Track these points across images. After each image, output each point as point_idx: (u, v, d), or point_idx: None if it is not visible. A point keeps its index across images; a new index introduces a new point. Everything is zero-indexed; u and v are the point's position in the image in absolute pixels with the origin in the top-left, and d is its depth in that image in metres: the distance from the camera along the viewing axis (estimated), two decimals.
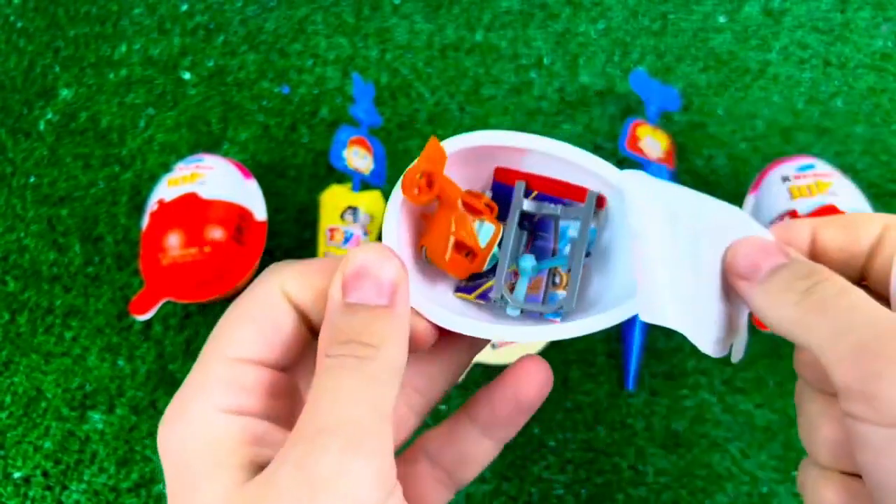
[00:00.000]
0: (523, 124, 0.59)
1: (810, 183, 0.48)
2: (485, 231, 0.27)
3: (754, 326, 0.50)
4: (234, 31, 0.64)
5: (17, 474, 0.49)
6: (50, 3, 0.67)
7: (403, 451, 0.25)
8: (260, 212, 0.52)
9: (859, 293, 0.21)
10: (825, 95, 0.58)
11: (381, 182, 0.54)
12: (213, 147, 0.59)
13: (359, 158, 0.53)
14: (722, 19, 0.62)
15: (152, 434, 0.49)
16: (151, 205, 0.51)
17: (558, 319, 0.26)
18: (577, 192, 0.29)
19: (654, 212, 0.25)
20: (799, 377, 0.25)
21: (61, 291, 0.55)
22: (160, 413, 0.50)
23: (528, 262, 0.28)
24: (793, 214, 0.47)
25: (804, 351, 0.24)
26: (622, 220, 0.28)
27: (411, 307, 0.23)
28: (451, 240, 0.26)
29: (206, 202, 0.49)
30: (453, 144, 0.26)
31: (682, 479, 0.46)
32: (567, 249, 0.28)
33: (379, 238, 0.25)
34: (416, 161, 0.25)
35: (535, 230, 0.29)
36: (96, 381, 0.51)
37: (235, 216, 0.50)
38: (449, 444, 0.25)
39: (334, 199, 0.52)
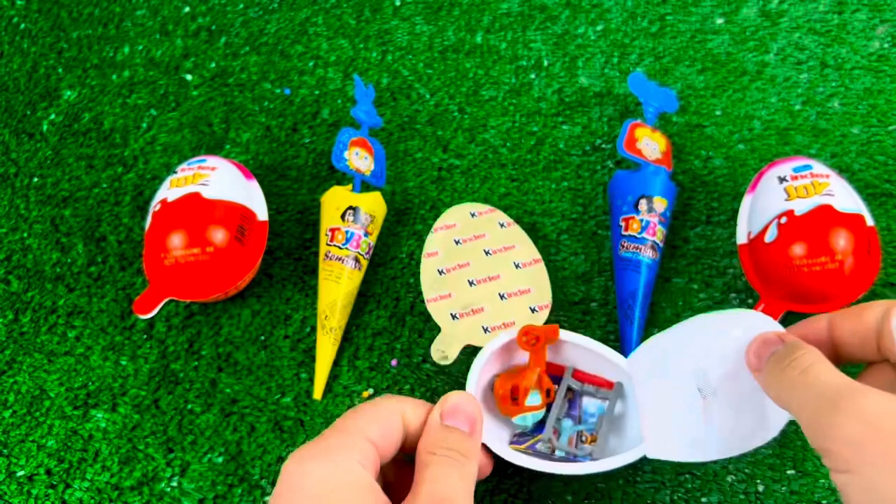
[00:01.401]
0: (522, 125, 0.59)
1: (807, 183, 0.48)
2: (533, 397, 0.44)
3: None
4: (235, 33, 0.65)
5: (20, 473, 0.49)
6: (53, 4, 0.67)
7: None
8: (262, 212, 0.53)
9: (820, 366, 0.27)
10: (822, 97, 0.59)
11: (382, 183, 0.55)
12: (215, 148, 0.60)
13: (360, 159, 0.54)
14: (719, 21, 0.63)
15: (155, 433, 0.50)
16: (154, 205, 0.51)
17: (587, 461, 0.42)
18: (602, 381, 0.46)
19: (646, 384, 0.41)
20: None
21: (64, 291, 0.55)
22: (163, 412, 0.50)
23: (568, 424, 0.46)
24: (789, 214, 0.47)
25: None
26: (630, 396, 0.44)
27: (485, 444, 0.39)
28: (511, 385, 0.44)
29: (209, 202, 0.50)
30: (564, 335, 0.45)
31: (679, 478, 0.47)
32: (591, 419, 0.45)
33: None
34: (539, 326, 0.44)
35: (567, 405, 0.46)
36: (99, 380, 0.52)
37: (237, 216, 0.50)
38: None
39: (335, 199, 0.53)
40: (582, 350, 0.45)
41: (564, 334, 0.45)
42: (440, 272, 0.49)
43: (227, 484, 0.48)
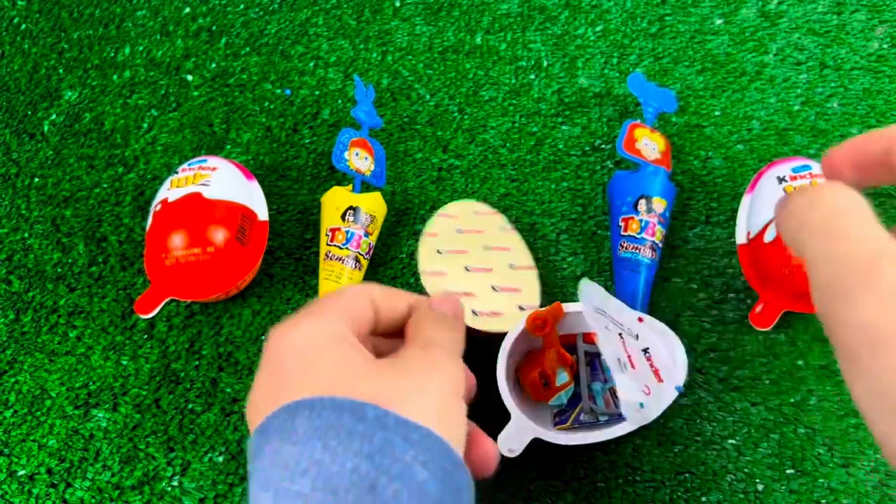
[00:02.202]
0: (522, 126, 0.59)
1: (806, 184, 0.48)
2: (561, 376, 0.46)
3: (751, 327, 0.50)
4: (236, 34, 0.65)
5: (21, 472, 0.49)
6: (54, 5, 0.67)
7: None
8: (262, 212, 0.53)
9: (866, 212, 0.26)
10: (821, 97, 0.59)
11: (382, 183, 0.55)
12: (215, 148, 0.60)
13: (360, 160, 0.54)
14: (719, 22, 0.63)
15: (156, 432, 0.50)
16: (155, 205, 0.52)
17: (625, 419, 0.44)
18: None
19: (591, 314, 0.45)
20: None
21: (65, 291, 0.55)
22: (164, 411, 0.50)
23: (598, 386, 0.48)
24: None
25: None
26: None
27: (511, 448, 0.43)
28: (537, 371, 0.46)
29: (210, 202, 0.50)
30: (567, 307, 0.46)
31: (678, 477, 0.47)
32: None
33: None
34: (545, 308, 0.46)
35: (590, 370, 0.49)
36: (100, 380, 0.52)
37: (238, 216, 0.51)
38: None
39: (335, 199, 0.53)
40: (580, 314, 0.46)
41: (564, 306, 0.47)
42: (439, 252, 0.50)
43: (227, 483, 0.48)
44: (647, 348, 0.44)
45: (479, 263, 0.50)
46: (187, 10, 0.66)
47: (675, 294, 0.52)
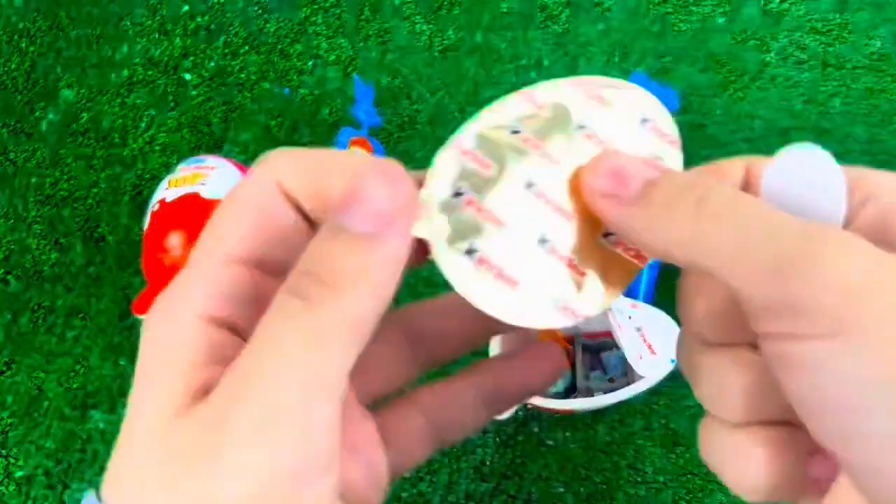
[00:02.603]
0: None
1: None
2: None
3: None
4: (235, 33, 0.65)
5: (18, 473, 0.49)
6: (52, 4, 0.67)
7: (396, 399, 0.23)
8: None
9: (756, 199, 0.17)
10: (824, 96, 0.58)
11: None
12: (214, 148, 0.59)
13: None
14: (721, 20, 0.62)
15: None
16: (153, 205, 0.51)
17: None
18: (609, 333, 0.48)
19: None
20: (685, 337, 0.21)
21: (63, 291, 0.55)
22: None
23: (597, 374, 0.49)
24: None
25: (697, 297, 0.20)
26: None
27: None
28: None
29: (208, 202, 0.50)
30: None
31: (681, 478, 0.46)
32: (616, 369, 0.48)
33: None
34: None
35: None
36: (98, 381, 0.52)
37: None
38: (445, 404, 0.23)
39: None
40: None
41: None
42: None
43: None
44: (640, 327, 0.44)
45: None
46: (186, 8, 0.66)
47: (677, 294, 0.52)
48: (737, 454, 0.19)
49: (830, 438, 0.15)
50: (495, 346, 0.45)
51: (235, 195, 0.19)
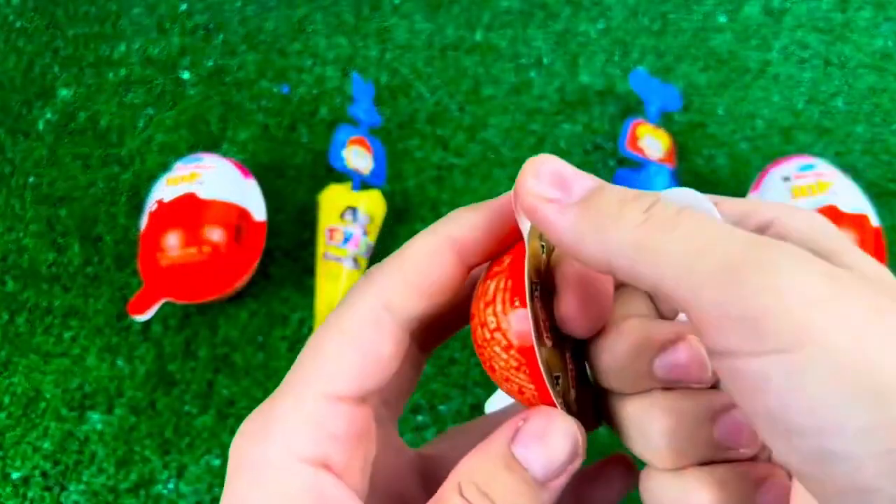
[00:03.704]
0: (523, 124, 0.59)
1: (811, 183, 0.48)
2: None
3: None
4: (233, 31, 0.64)
5: (15, 475, 0.49)
6: (49, 3, 0.67)
7: None
8: (259, 212, 0.52)
9: (701, 212, 0.16)
10: (825, 95, 0.58)
11: (381, 182, 0.54)
12: (212, 147, 0.59)
13: (359, 158, 0.53)
14: (722, 19, 0.62)
15: (151, 434, 0.49)
16: (150, 205, 0.51)
17: None
18: None
19: None
20: (602, 392, 0.20)
21: (60, 291, 0.55)
22: (159, 413, 0.50)
23: None
24: None
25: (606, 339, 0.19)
26: None
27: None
28: None
29: (205, 202, 0.49)
30: None
31: None
32: None
33: None
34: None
35: None
36: (95, 382, 0.51)
37: (235, 216, 0.50)
38: None
39: (333, 198, 0.52)
40: None
41: None
42: None
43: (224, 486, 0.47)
44: None
45: None
46: (184, 7, 0.66)
47: None
48: (678, 501, 0.18)
49: (799, 461, 0.14)
50: (490, 407, 0.45)
51: (341, 322, 0.19)
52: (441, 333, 0.22)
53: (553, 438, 0.18)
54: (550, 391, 0.18)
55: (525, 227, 0.18)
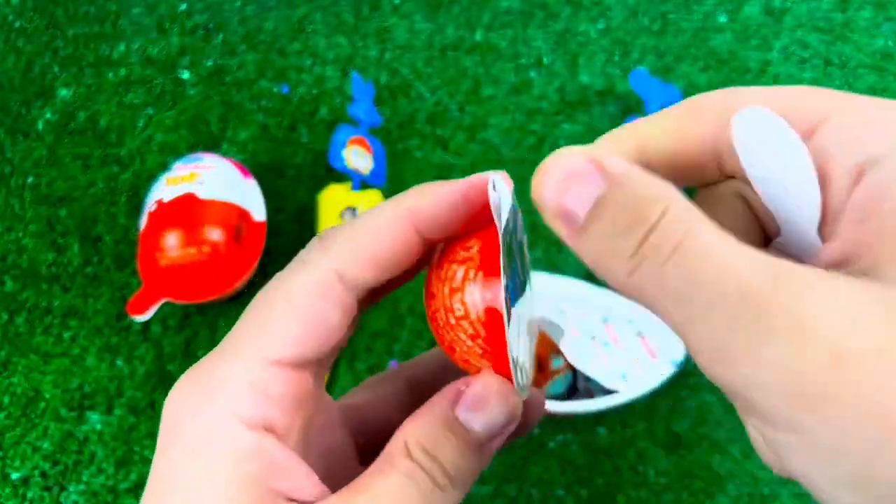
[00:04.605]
0: (523, 124, 0.59)
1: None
2: (556, 361, 0.43)
3: None
4: (233, 31, 0.64)
5: (15, 475, 0.49)
6: (49, 2, 0.67)
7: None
8: (259, 212, 0.52)
9: (709, 234, 0.14)
10: None
11: (381, 182, 0.54)
12: (212, 147, 0.59)
13: (358, 158, 0.53)
14: (722, 19, 0.62)
15: (151, 434, 0.49)
16: (150, 205, 0.51)
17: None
18: None
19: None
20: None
21: (60, 291, 0.55)
22: (159, 414, 0.50)
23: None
24: None
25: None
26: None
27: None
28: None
29: (205, 202, 0.49)
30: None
31: (683, 480, 0.46)
32: None
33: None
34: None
35: None
36: (95, 382, 0.51)
37: (234, 216, 0.50)
38: None
39: (333, 198, 0.52)
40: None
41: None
42: None
43: None
44: (641, 331, 0.44)
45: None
46: (183, 6, 0.66)
47: None
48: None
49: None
50: None
51: (290, 289, 0.18)
52: (384, 292, 0.22)
53: (493, 402, 0.18)
54: (514, 381, 0.18)
55: (500, 220, 0.18)
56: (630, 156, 0.17)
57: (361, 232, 0.19)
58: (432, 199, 0.19)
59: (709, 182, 0.18)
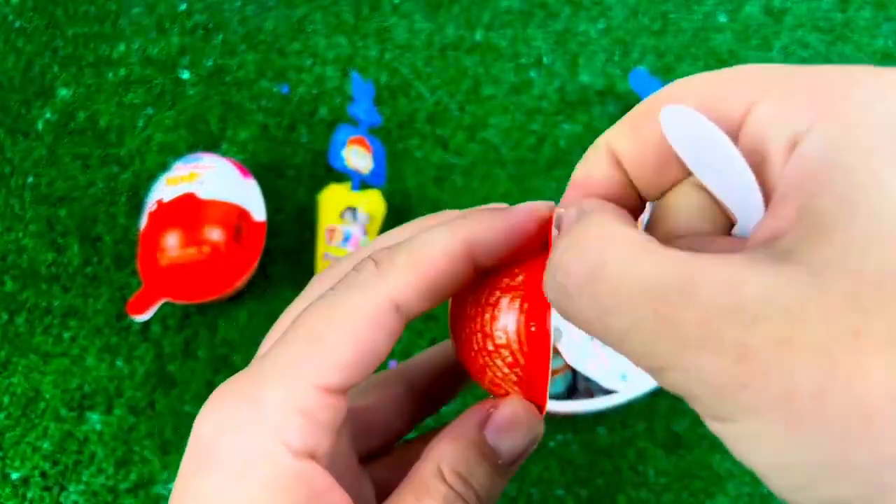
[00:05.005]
0: (523, 124, 0.59)
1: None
2: (556, 360, 0.42)
3: None
4: (232, 31, 0.64)
5: (15, 475, 0.49)
6: (48, 2, 0.67)
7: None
8: (259, 212, 0.52)
9: (619, 257, 0.14)
10: None
11: (381, 182, 0.54)
12: (212, 147, 0.59)
13: (358, 158, 0.53)
14: (723, 19, 0.62)
15: (151, 434, 0.49)
16: (150, 205, 0.51)
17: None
18: None
19: None
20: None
21: (60, 292, 0.54)
22: (159, 414, 0.50)
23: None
24: None
25: None
26: None
27: None
28: None
29: (205, 202, 0.49)
30: None
31: (683, 480, 0.46)
32: None
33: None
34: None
35: None
36: (95, 382, 0.51)
37: (234, 216, 0.50)
38: None
39: (333, 198, 0.52)
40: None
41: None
42: None
43: None
44: None
45: None
46: (183, 6, 0.66)
47: None
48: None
49: None
50: None
51: (348, 311, 0.18)
52: None
53: (520, 427, 0.19)
54: (544, 408, 0.19)
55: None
56: (604, 165, 0.18)
57: (419, 260, 0.18)
58: (489, 228, 0.19)
59: (682, 178, 0.18)
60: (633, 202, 0.18)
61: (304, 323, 0.18)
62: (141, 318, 0.49)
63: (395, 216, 0.56)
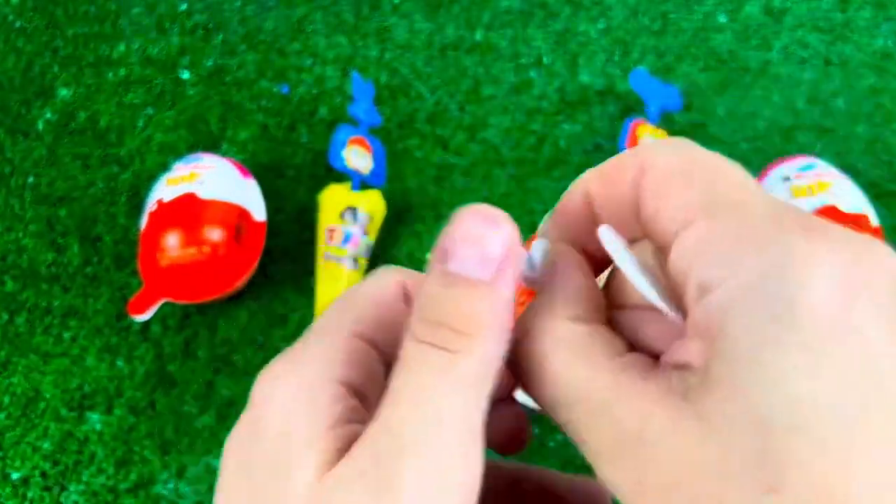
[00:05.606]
0: (523, 124, 0.59)
1: (811, 183, 0.48)
2: None
3: None
4: (233, 31, 0.64)
5: (15, 475, 0.49)
6: (48, 2, 0.67)
7: None
8: (259, 212, 0.52)
9: (560, 359, 0.17)
10: (826, 95, 0.58)
11: (381, 182, 0.54)
12: (212, 147, 0.59)
13: (358, 158, 0.53)
14: (722, 19, 0.62)
15: (151, 434, 0.49)
16: (150, 205, 0.51)
17: None
18: None
19: None
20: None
21: (60, 292, 0.55)
22: (159, 414, 0.50)
23: None
24: None
25: None
26: None
27: None
28: None
29: (205, 202, 0.49)
30: None
31: None
32: None
33: None
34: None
35: None
36: (95, 382, 0.51)
37: (234, 216, 0.50)
38: None
39: (333, 198, 0.52)
40: None
41: None
42: None
43: None
44: None
45: None
46: (183, 6, 0.66)
47: None
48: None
49: None
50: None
51: (362, 286, 0.21)
52: None
53: (485, 239, 0.17)
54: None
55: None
56: (579, 204, 0.19)
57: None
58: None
59: (636, 237, 0.19)
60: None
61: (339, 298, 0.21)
62: (141, 318, 0.49)
63: (396, 216, 0.56)
